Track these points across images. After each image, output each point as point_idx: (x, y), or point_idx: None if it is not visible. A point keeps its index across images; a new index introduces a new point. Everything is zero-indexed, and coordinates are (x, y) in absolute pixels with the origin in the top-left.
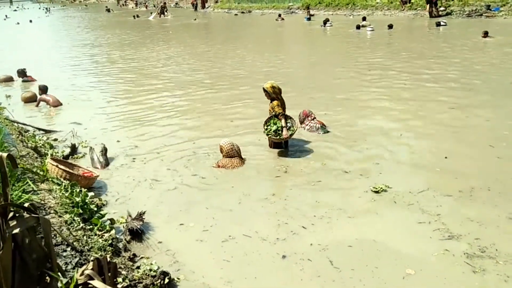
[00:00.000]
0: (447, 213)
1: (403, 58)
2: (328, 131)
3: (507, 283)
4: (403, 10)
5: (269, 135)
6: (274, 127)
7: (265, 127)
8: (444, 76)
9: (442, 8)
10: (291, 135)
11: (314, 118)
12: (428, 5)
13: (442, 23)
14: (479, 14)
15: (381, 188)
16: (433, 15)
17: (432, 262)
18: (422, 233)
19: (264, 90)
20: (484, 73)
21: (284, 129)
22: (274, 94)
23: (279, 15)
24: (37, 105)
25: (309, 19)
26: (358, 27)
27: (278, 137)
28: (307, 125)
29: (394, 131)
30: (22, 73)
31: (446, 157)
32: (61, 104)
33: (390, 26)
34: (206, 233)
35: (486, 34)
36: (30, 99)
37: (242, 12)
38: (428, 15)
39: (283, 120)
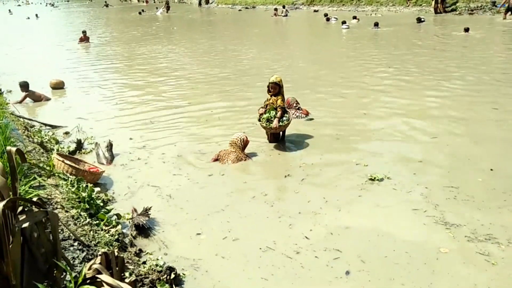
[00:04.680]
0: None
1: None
2: (311, 119)
3: None
4: (408, 6)
5: (260, 122)
6: (266, 116)
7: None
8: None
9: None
10: (281, 126)
11: (299, 107)
12: (434, 1)
13: (421, 19)
14: (483, 10)
15: (376, 177)
16: (438, 12)
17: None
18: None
19: (276, 83)
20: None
21: (275, 119)
22: (282, 88)
23: (275, 9)
24: (20, 102)
25: (286, 15)
26: (344, 22)
27: (267, 125)
28: (293, 114)
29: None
30: None
31: (491, 170)
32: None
33: (376, 24)
34: (216, 234)
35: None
36: (58, 85)
37: (246, 8)
38: (433, 12)
39: (279, 113)
